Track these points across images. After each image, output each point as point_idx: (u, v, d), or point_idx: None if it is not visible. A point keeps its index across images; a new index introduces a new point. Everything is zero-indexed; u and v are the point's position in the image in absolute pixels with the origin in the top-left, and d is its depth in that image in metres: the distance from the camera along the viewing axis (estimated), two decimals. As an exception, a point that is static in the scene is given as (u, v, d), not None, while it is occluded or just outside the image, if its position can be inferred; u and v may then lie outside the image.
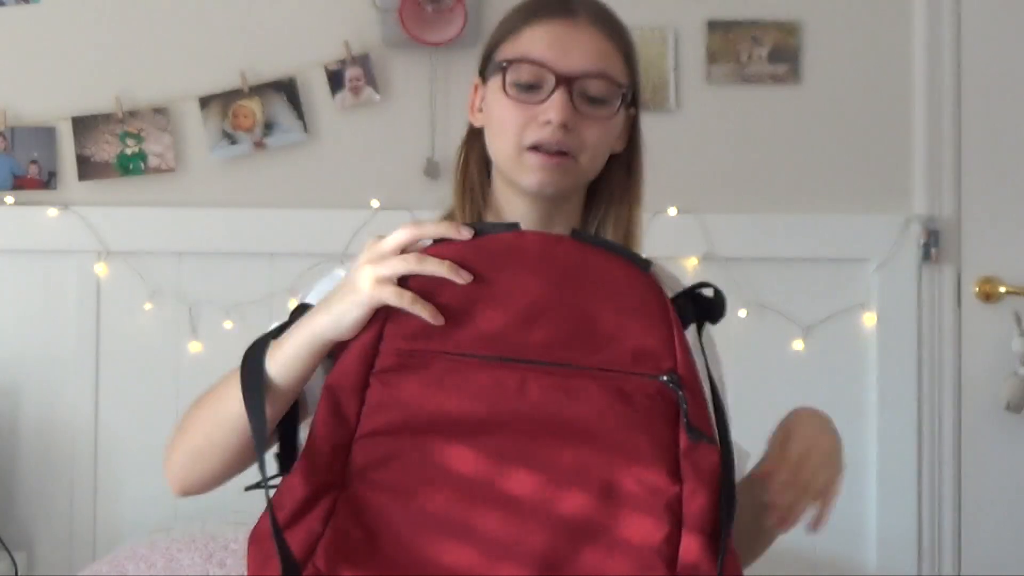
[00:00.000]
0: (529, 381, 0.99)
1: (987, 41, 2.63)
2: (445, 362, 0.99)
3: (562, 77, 1.21)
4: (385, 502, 0.96)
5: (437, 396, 0.99)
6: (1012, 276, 2.62)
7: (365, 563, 0.94)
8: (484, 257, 1.02)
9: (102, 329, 2.52)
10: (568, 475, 0.96)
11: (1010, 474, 2.61)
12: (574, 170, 1.24)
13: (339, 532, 0.95)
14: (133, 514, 2.51)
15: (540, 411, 0.98)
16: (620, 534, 0.96)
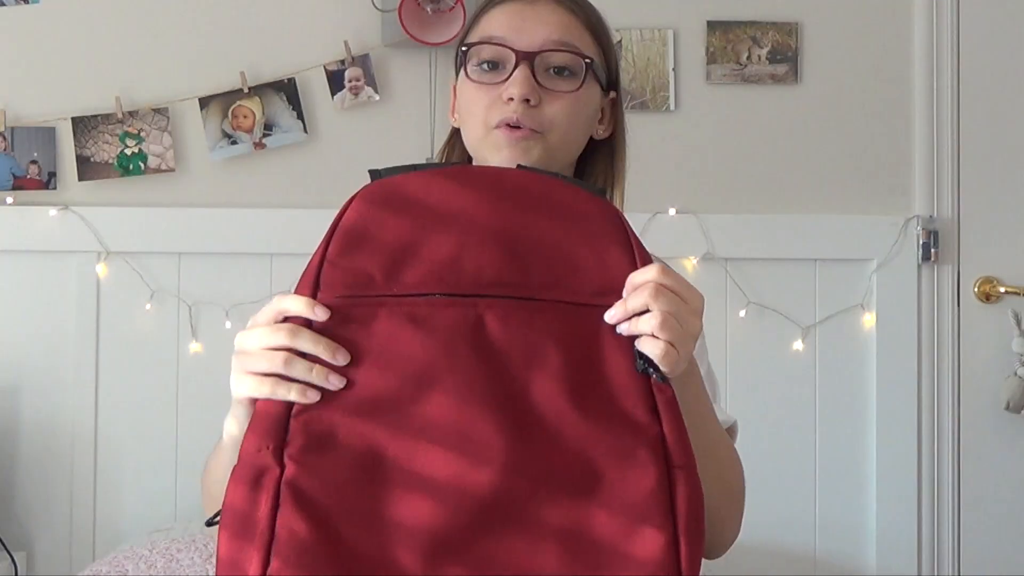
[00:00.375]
0: (486, 317, 0.91)
1: (987, 41, 2.63)
2: (391, 308, 0.91)
3: (522, 53, 1.19)
4: (327, 483, 0.88)
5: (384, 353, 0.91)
6: (1011, 276, 2.62)
7: (317, 564, 0.86)
8: (433, 190, 0.96)
9: (102, 329, 2.52)
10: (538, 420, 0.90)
11: (1010, 474, 2.61)
12: (542, 144, 1.20)
13: (287, 531, 0.86)
14: (133, 514, 2.51)
15: (502, 347, 0.90)
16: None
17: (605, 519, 0.88)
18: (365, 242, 0.94)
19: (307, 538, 0.86)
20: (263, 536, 0.86)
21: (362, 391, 0.90)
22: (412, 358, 0.90)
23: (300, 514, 0.86)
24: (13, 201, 2.52)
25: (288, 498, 0.86)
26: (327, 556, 0.86)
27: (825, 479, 2.58)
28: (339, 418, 0.89)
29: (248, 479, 0.88)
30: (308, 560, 0.85)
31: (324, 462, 0.88)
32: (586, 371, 0.91)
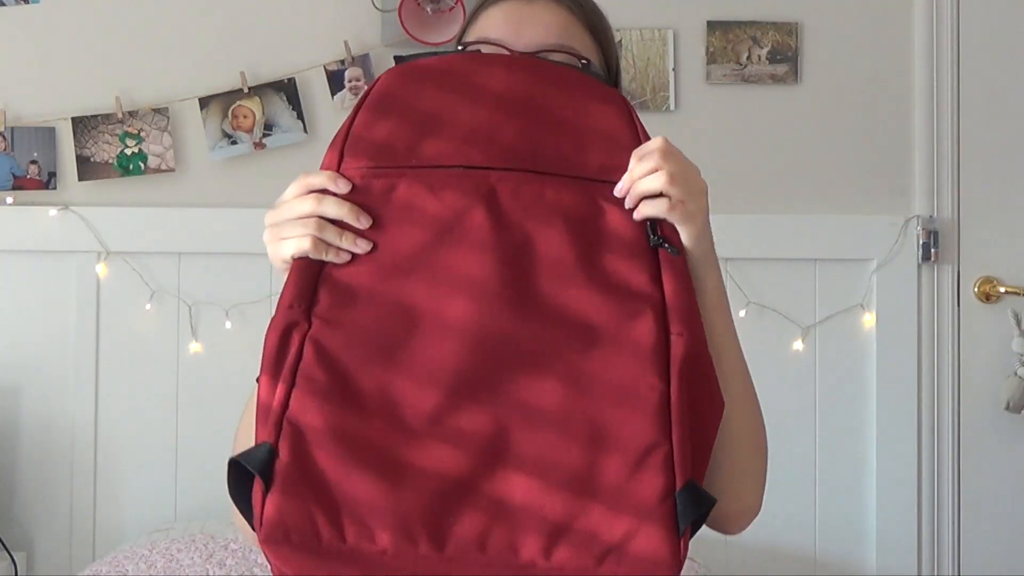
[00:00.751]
0: (499, 188, 0.99)
1: (987, 41, 2.63)
2: (410, 179, 0.99)
3: (518, 54, 1.16)
4: (349, 338, 0.96)
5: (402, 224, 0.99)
6: (1011, 276, 2.62)
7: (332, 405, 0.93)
8: (454, 67, 1.03)
9: (102, 329, 2.52)
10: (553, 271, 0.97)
11: (1010, 474, 2.61)
12: None
13: (306, 378, 0.94)
14: (133, 514, 2.51)
15: (512, 216, 0.98)
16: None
17: (602, 368, 0.93)
18: (390, 113, 1.02)
19: (324, 386, 0.93)
20: (287, 379, 0.94)
21: (383, 253, 0.98)
22: (429, 223, 0.98)
23: (320, 366, 0.94)
24: (13, 201, 2.52)
25: (311, 351, 0.94)
26: (341, 399, 0.93)
27: (825, 479, 2.58)
28: (362, 277, 0.98)
29: (280, 329, 0.96)
30: (321, 401, 0.92)
31: (347, 319, 0.96)
32: (591, 241, 0.98)
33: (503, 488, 0.90)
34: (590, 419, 0.92)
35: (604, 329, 0.95)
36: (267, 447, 0.91)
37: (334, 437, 0.91)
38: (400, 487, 0.90)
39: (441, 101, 1.02)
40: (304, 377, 0.93)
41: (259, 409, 0.95)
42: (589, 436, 0.92)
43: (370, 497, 0.89)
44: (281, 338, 0.96)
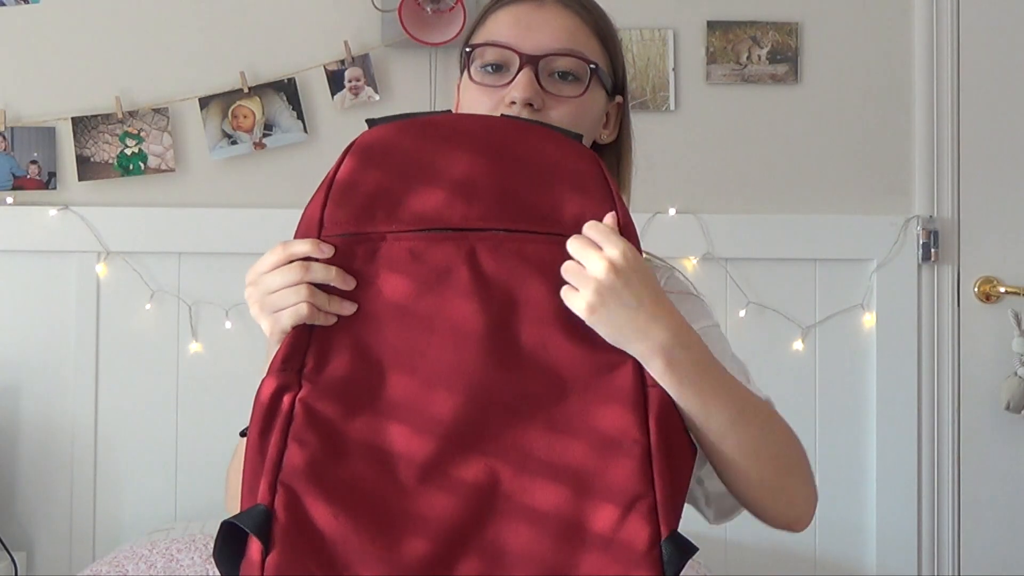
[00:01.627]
0: (478, 249, 1.00)
1: (987, 41, 2.63)
2: (390, 244, 1.01)
3: (525, 56, 1.17)
4: (337, 398, 0.98)
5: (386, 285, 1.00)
6: (1011, 276, 2.62)
7: (325, 464, 0.95)
8: (425, 136, 1.04)
9: (102, 329, 2.52)
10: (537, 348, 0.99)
11: (1010, 474, 2.61)
12: None
13: (298, 440, 0.96)
14: (133, 514, 2.51)
15: (493, 277, 0.99)
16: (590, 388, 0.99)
17: (580, 447, 0.96)
18: (362, 188, 1.03)
19: (315, 446, 0.95)
20: (278, 441, 0.96)
21: (370, 312, 1.00)
22: (413, 283, 1.00)
23: (311, 427, 0.96)
24: (13, 201, 2.52)
25: (301, 413, 0.96)
26: (334, 457, 0.95)
27: (825, 479, 2.56)
28: (351, 338, 0.99)
29: (271, 390, 0.98)
30: (314, 461, 0.95)
31: (336, 378, 0.98)
32: None
33: (499, 536, 0.94)
34: (577, 469, 0.96)
35: (586, 380, 0.98)
36: (262, 509, 0.93)
37: (329, 495, 0.93)
38: (398, 539, 0.93)
39: (414, 171, 1.03)
40: (295, 439, 0.95)
41: (248, 469, 0.97)
42: (578, 486, 0.95)
43: (369, 551, 0.92)
44: (272, 399, 0.97)
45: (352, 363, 0.99)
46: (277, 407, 0.97)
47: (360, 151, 1.05)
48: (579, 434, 0.97)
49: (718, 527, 1.29)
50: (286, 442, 0.95)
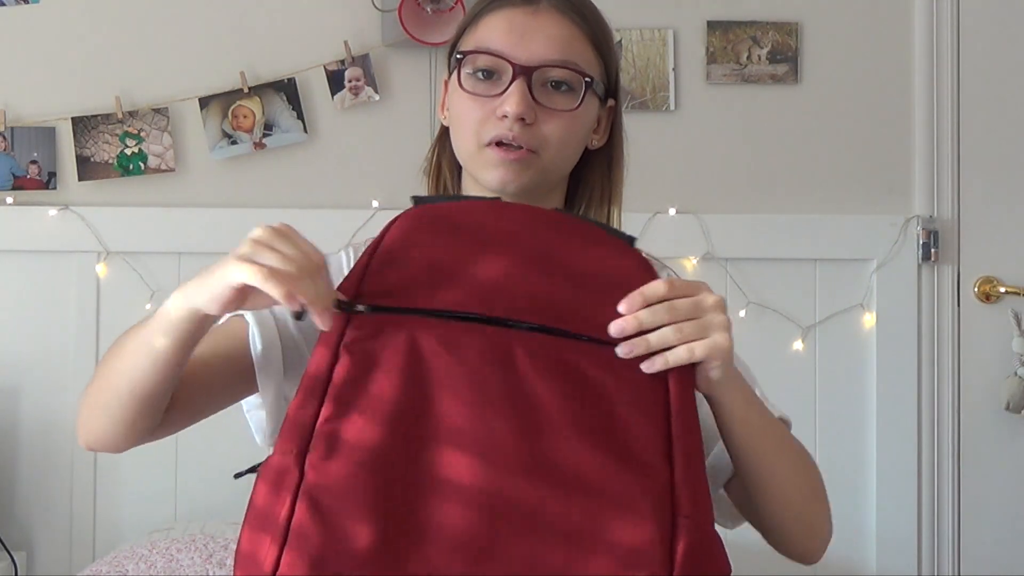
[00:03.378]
0: (516, 350, 0.93)
1: (987, 41, 2.63)
2: (422, 329, 0.93)
3: (519, 67, 1.14)
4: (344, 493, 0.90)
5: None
6: (1011, 276, 2.62)
7: (327, 565, 0.89)
8: (475, 217, 0.99)
9: (102, 329, 2.52)
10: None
11: (1010, 474, 2.61)
12: (536, 165, 1.16)
13: (298, 535, 0.89)
14: (133, 514, 2.51)
15: (527, 383, 0.92)
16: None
17: (602, 564, 0.89)
18: (407, 259, 0.96)
19: (317, 545, 0.88)
20: (279, 538, 0.89)
21: (388, 405, 0.91)
22: (440, 378, 0.92)
23: (314, 522, 0.89)
24: (13, 201, 2.52)
25: (304, 507, 0.89)
26: (336, 559, 0.88)
27: (825, 479, 2.57)
28: (364, 431, 0.91)
29: (271, 479, 0.91)
30: (314, 563, 0.88)
31: (345, 471, 0.90)
32: (606, 412, 0.93)
33: None
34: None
35: (615, 499, 0.91)
36: None
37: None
38: None
39: (460, 250, 0.97)
40: (296, 534, 0.88)
41: (242, 561, 0.91)
42: None
43: None
44: (272, 487, 0.91)
45: (364, 457, 0.90)
46: (278, 498, 0.90)
47: (406, 222, 0.98)
48: (599, 550, 0.90)
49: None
50: (287, 538, 0.89)
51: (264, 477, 0.92)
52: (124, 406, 1.10)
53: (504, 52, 1.15)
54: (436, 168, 1.29)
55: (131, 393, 1.08)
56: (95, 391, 1.15)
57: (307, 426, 0.92)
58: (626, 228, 1.26)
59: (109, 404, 1.12)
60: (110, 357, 1.12)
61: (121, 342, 1.11)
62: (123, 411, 1.11)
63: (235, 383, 1.16)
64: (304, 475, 0.90)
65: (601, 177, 1.26)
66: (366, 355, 0.93)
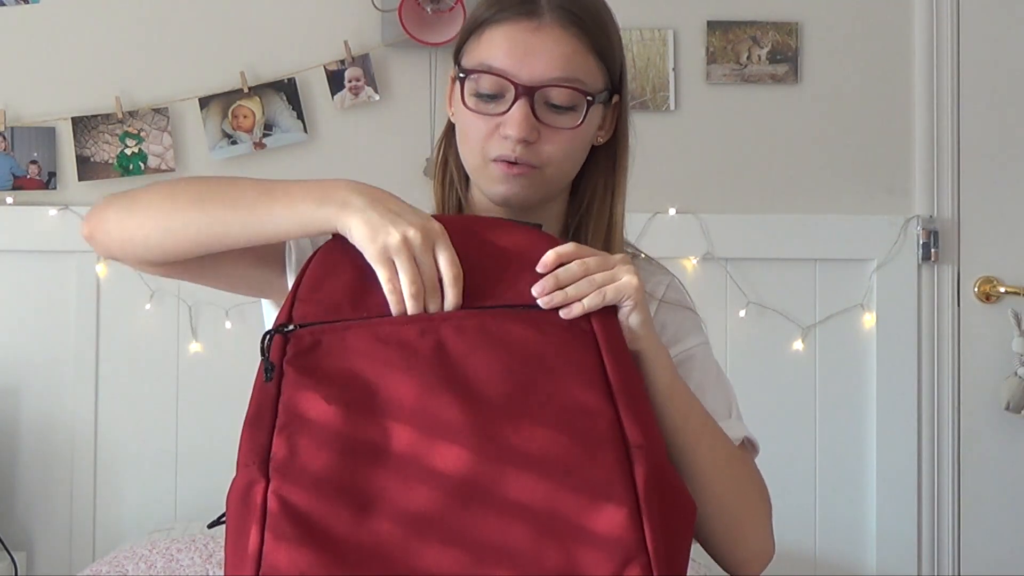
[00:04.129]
0: (443, 330, 0.99)
1: (987, 41, 2.63)
2: (356, 331, 1.00)
3: (522, 88, 1.14)
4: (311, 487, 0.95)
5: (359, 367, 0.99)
6: (1011, 276, 2.62)
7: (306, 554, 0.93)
8: None
9: (102, 329, 2.52)
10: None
11: (1010, 474, 2.61)
12: (539, 180, 1.18)
13: (274, 532, 0.93)
14: (133, 514, 2.51)
15: (458, 357, 0.98)
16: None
17: (569, 499, 0.93)
18: (331, 279, 1.04)
19: (294, 538, 0.93)
20: (256, 540, 0.93)
21: (339, 399, 0.97)
22: (380, 368, 0.98)
23: (286, 518, 0.93)
24: (13, 201, 2.52)
25: (276, 506, 0.94)
26: (314, 547, 0.93)
27: (825, 479, 2.58)
28: (317, 424, 0.96)
29: (240, 492, 0.96)
30: (295, 553, 0.93)
31: (308, 467, 0.95)
32: (538, 367, 0.99)
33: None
34: (564, 553, 0.93)
35: (564, 461, 0.94)
36: None
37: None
38: None
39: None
40: (272, 531, 0.93)
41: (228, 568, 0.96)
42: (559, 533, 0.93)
43: None
44: (242, 500, 0.96)
45: (322, 450, 0.96)
46: (250, 507, 0.95)
47: (324, 251, 1.06)
48: (562, 518, 0.93)
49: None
50: (263, 536, 0.93)
51: (235, 487, 0.96)
52: (171, 232, 1.15)
53: (506, 72, 1.16)
54: (443, 165, 1.29)
55: (197, 232, 1.12)
56: (153, 202, 1.17)
57: (266, 435, 0.97)
58: (627, 227, 1.28)
59: (162, 222, 1.16)
60: (193, 188, 1.15)
61: (217, 185, 1.14)
62: (165, 235, 1.16)
63: (254, 269, 1.21)
64: (270, 480, 0.95)
65: (605, 172, 1.26)
66: (308, 366, 0.99)
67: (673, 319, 1.23)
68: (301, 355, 1.00)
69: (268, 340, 1.00)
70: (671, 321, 1.23)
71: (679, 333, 1.22)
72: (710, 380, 1.21)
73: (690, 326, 1.24)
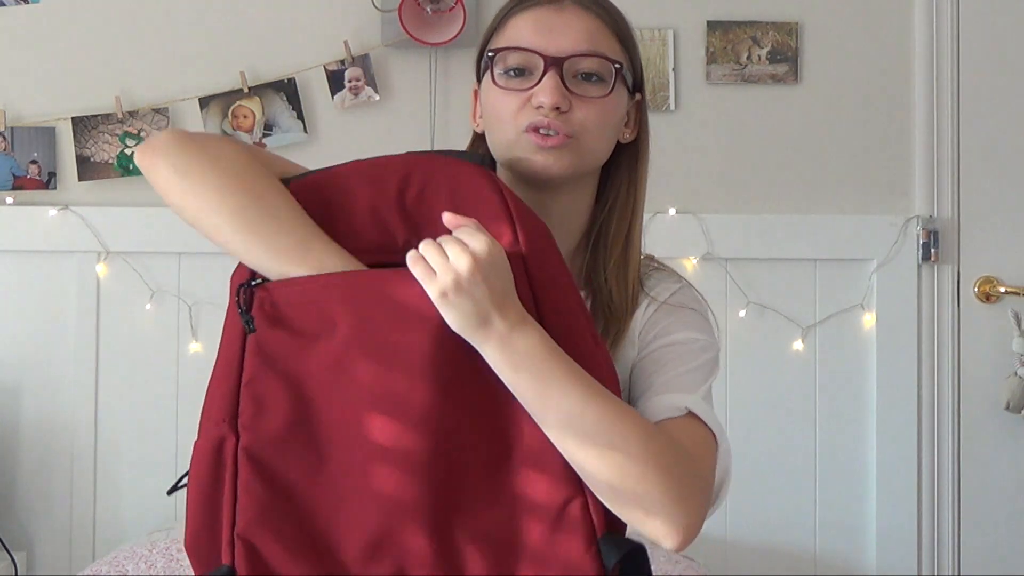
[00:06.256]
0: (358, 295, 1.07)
1: (987, 41, 2.63)
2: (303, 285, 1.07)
3: (550, 59, 1.18)
4: (279, 445, 1.01)
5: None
6: (1011, 276, 2.62)
7: (277, 514, 0.99)
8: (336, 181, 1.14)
9: (102, 329, 2.52)
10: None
11: (1010, 474, 2.61)
12: (575, 149, 1.20)
13: (247, 492, 0.99)
14: (133, 514, 2.51)
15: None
16: None
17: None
18: None
19: (265, 498, 0.99)
20: (230, 497, 0.99)
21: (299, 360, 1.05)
22: (335, 322, 1.05)
23: (258, 478, 0.99)
24: (13, 201, 2.52)
25: (246, 465, 1.00)
26: (285, 507, 0.99)
27: (825, 479, 2.58)
28: (277, 385, 1.03)
29: (210, 447, 1.02)
30: (266, 513, 0.99)
31: (275, 424, 1.01)
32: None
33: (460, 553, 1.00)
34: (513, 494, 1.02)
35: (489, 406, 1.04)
36: (225, 569, 0.97)
37: (286, 545, 0.97)
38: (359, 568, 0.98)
39: (337, 201, 1.11)
40: (245, 490, 0.99)
41: (198, 525, 1.02)
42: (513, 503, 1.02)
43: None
44: (213, 455, 1.01)
45: (290, 408, 1.02)
46: (221, 463, 1.00)
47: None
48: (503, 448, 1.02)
49: (718, 527, 1.28)
50: (236, 495, 0.99)
51: (200, 449, 1.02)
52: (203, 226, 1.23)
53: (534, 46, 1.20)
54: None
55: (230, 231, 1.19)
56: (215, 181, 1.19)
57: (233, 391, 1.04)
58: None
59: (198, 207, 1.22)
60: (254, 189, 1.17)
61: (276, 196, 1.15)
62: (197, 222, 1.23)
63: None
64: (239, 437, 1.01)
65: (629, 171, 1.31)
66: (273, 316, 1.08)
67: (669, 317, 1.24)
68: (265, 307, 1.09)
69: (247, 295, 1.09)
70: (665, 319, 1.23)
71: (670, 327, 1.23)
72: (687, 366, 1.19)
73: (684, 323, 1.23)
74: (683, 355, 1.20)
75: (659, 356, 1.19)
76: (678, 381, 1.16)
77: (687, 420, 1.13)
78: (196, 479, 1.01)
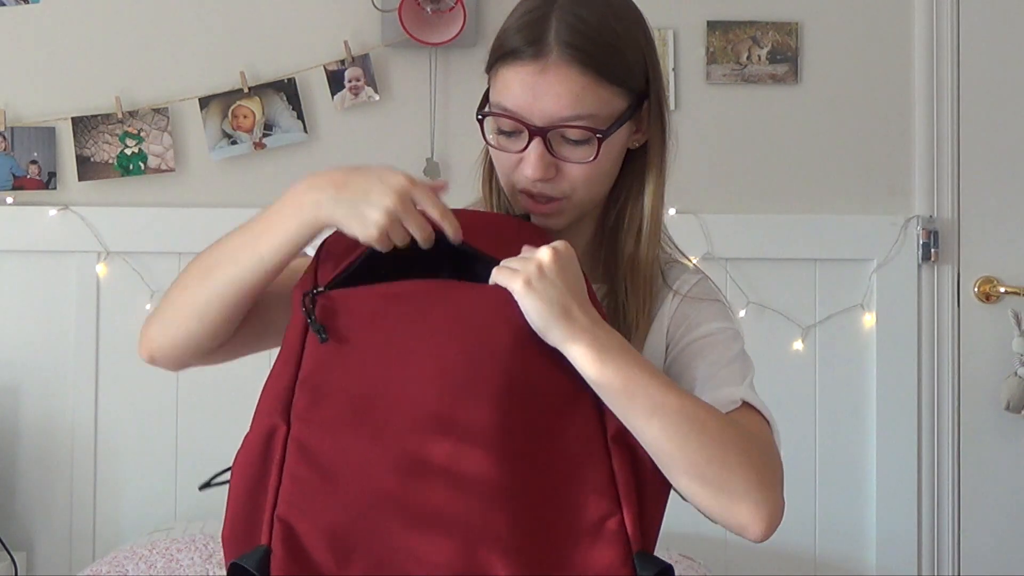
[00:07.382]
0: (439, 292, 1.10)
1: (987, 41, 2.63)
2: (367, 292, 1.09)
3: (534, 129, 1.16)
4: (328, 440, 1.02)
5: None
6: (1011, 276, 2.62)
7: (319, 500, 1.00)
8: None
9: (102, 329, 2.52)
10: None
11: (1010, 474, 2.61)
12: (569, 207, 1.22)
13: (292, 477, 1.00)
14: (133, 514, 2.51)
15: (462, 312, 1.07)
16: None
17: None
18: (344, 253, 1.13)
19: (309, 483, 1.00)
20: (275, 480, 1.00)
21: (352, 352, 1.06)
22: (390, 329, 1.07)
23: (303, 462, 1.01)
24: (13, 201, 2.52)
25: (294, 451, 1.01)
26: (327, 494, 1.00)
27: (825, 479, 2.58)
28: (336, 374, 1.04)
29: (262, 433, 1.03)
30: (308, 498, 1.00)
31: (326, 416, 1.02)
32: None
33: (487, 565, 1.00)
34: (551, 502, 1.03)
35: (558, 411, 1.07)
36: (263, 549, 0.99)
37: (324, 531, 0.99)
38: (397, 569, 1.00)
39: None
40: (290, 476, 1.00)
41: (239, 511, 1.03)
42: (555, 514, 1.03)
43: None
44: (263, 445, 1.02)
45: (339, 401, 1.03)
46: (270, 448, 1.02)
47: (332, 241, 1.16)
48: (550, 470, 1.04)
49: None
50: (281, 479, 1.00)
51: (254, 433, 1.04)
52: (202, 314, 1.17)
53: (519, 113, 1.17)
54: (489, 170, 1.30)
55: (220, 298, 1.15)
56: (175, 299, 1.19)
57: (290, 383, 1.04)
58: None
59: (190, 310, 1.17)
60: (195, 267, 1.18)
61: (211, 252, 1.18)
62: (200, 320, 1.17)
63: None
64: (291, 426, 1.02)
65: (638, 174, 1.27)
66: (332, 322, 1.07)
67: (694, 310, 1.27)
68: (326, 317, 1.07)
69: (311, 303, 1.07)
70: (692, 312, 1.26)
71: (698, 319, 1.26)
72: (725, 357, 1.24)
73: (710, 314, 1.27)
74: (715, 345, 1.25)
75: (696, 349, 1.22)
76: (724, 375, 1.21)
77: (744, 410, 1.18)
78: (241, 469, 1.03)
